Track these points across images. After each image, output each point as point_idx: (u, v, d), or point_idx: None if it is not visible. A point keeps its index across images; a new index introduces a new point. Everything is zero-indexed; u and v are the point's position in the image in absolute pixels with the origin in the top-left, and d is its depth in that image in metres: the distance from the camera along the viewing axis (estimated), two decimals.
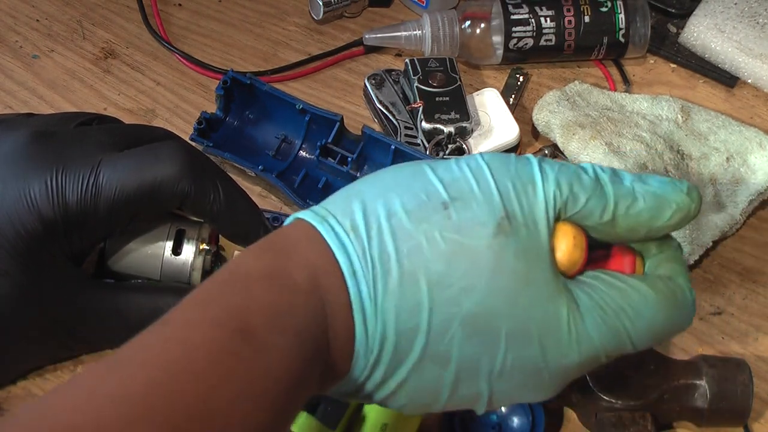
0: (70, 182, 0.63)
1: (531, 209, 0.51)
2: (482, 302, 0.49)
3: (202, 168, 0.66)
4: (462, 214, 0.50)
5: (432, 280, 0.49)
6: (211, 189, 0.66)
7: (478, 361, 0.50)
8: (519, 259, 0.49)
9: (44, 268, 0.64)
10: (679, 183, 0.53)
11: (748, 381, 0.66)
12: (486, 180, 0.51)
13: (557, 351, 0.51)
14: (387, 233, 0.50)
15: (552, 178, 0.51)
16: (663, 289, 0.53)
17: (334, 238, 0.50)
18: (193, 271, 0.68)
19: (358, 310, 0.49)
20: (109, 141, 0.66)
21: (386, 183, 0.52)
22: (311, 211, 0.52)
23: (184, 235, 0.69)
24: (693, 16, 0.88)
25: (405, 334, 0.49)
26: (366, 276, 0.49)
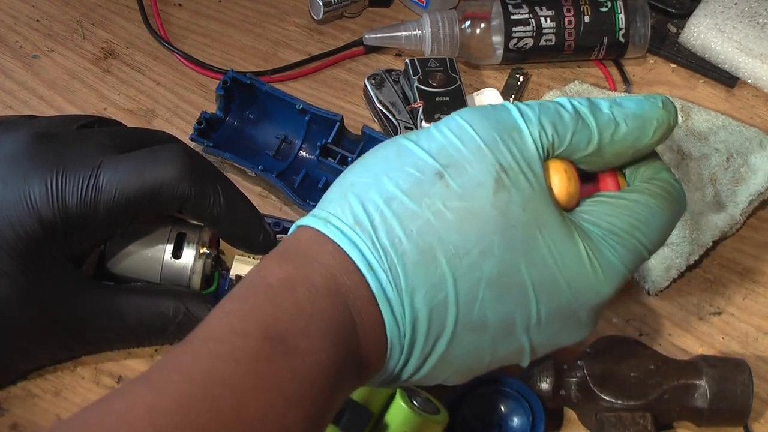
0: (70, 184, 0.63)
1: (523, 156, 0.51)
2: (502, 260, 0.50)
3: (202, 171, 0.66)
4: (458, 179, 0.50)
5: (448, 251, 0.49)
6: (211, 191, 0.66)
7: (512, 318, 0.51)
8: (525, 209, 0.50)
9: (44, 269, 0.64)
10: (653, 98, 0.54)
11: (748, 381, 0.66)
12: (472, 138, 0.51)
13: (587, 288, 0.52)
14: (391, 218, 0.50)
15: (534, 120, 0.51)
16: (657, 191, 0.54)
17: (342, 237, 0.50)
18: (193, 275, 0.68)
19: (382, 300, 0.49)
20: (110, 143, 0.66)
21: (374, 168, 0.52)
22: (312, 216, 0.52)
23: (185, 238, 0.69)
24: (693, 16, 0.88)
25: (435, 311, 0.50)
26: (382, 265, 0.49)
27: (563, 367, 0.67)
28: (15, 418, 0.68)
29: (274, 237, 0.69)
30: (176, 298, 0.67)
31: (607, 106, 0.53)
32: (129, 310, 0.67)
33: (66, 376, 0.70)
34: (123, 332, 0.67)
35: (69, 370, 0.70)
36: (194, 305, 0.67)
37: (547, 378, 0.67)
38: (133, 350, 0.71)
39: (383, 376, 0.52)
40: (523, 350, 0.53)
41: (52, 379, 0.69)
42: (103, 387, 0.69)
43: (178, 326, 0.67)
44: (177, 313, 0.67)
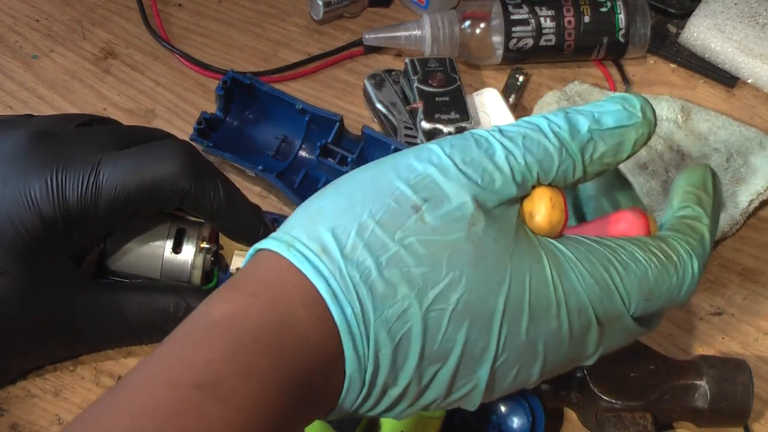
0: (70, 181, 0.63)
1: (502, 193, 0.49)
2: (470, 291, 0.48)
3: (201, 166, 0.66)
4: (434, 213, 0.48)
5: (415, 283, 0.47)
6: (210, 186, 0.66)
7: (474, 347, 0.49)
8: (499, 241, 0.49)
9: (44, 267, 0.64)
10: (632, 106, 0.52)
11: (748, 381, 0.66)
12: (452, 173, 0.49)
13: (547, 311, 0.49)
14: (361, 248, 0.47)
15: (519, 155, 0.50)
16: (654, 250, 0.52)
17: (306, 264, 0.47)
18: (193, 270, 0.69)
19: (345, 334, 0.46)
20: (109, 141, 0.66)
21: (349, 194, 0.49)
22: (273, 239, 0.49)
23: (185, 234, 0.69)
24: (693, 16, 0.88)
25: (400, 344, 0.47)
26: (348, 297, 0.46)
27: None
28: (15, 418, 0.68)
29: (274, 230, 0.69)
30: (176, 294, 0.67)
31: (586, 126, 0.51)
32: (129, 307, 0.67)
33: (66, 376, 0.70)
34: (123, 330, 0.67)
35: (69, 370, 0.70)
36: (195, 301, 0.67)
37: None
38: (133, 350, 0.71)
39: (340, 412, 0.49)
40: (478, 386, 0.50)
41: (52, 379, 0.69)
42: (103, 387, 0.69)
43: (178, 322, 0.67)
44: (178, 309, 0.67)
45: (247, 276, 0.48)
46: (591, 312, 0.50)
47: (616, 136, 0.52)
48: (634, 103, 0.52)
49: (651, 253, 0.51)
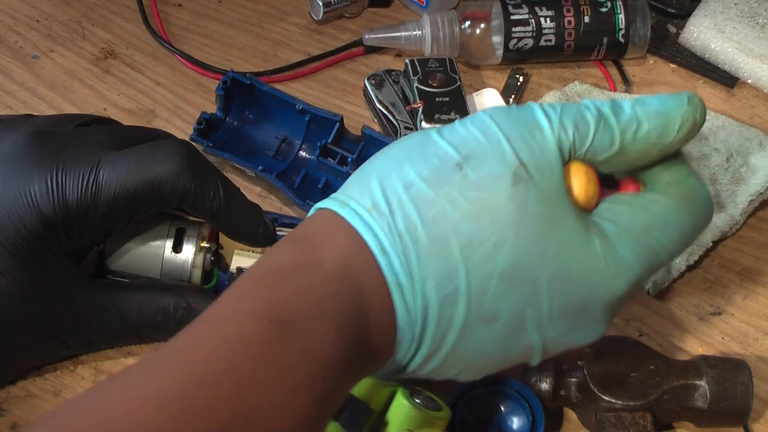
0: (70, 180, 0.63)
1: (543, 152, 0.51)
2: (515, 253, 0.49)
3: (201, 165, 0.66)
4: (478, 171, 0.50)
5: (463, 241, 0.49)
6: (210, 186, 0.66)
7: (523, 313, 0.50)
8: (541, 204, 0.50)
9: (44, 266, 0.64)
10: (680, 95, 0.54)
11: (748, 381, 0.66)
12: (494, 133, 0.51)
13: (600, 284, 0.51)
14: (408, 204, 0.50)
15: (556, 120, 0.52)
16: (678, 193, 0.54)
17: (358, 219, 0.50)
18: (193, 269, 0.69)
19: (394, 285, 0.49)
20: (109, 141, 0.67)
21: (397, 156, 0.52)
22: (331, 199, 0.52)
23: (185, 233, 0.69)
24: (693, 16, 0.88)
25: (446, 300, 0.49)
26: (396, 250, 0.49)
27: (563, 367, 0.67)
28: (15, 418, 0.68)
29: (274, 230, 0.69)
30: (176, 293, 0.67)
31: (630, 105, 0.53)
32: (129, 306, 0.67)
33: (66, 376, 0.70)
34: (123, 329, 0.67)
35: (69, 370, 0.70)
36: (195, 300, 0.67)
37: (547, 378, 0.67)
38: (133, 350, 0.71)
39: (392, 366, 0.52)
40: (533, 348, 0.52)
41: (52, 379, 0.69)
42: None
43: (179, 322, 0.67)
44: (177, 308, 0.67)
45: (305, 231, 0.51)
46: (641, 272, 0.52)
47: (661, 116, 0.52)
48: (682, 92, 0.54)
49: (680, 198, 0.54)
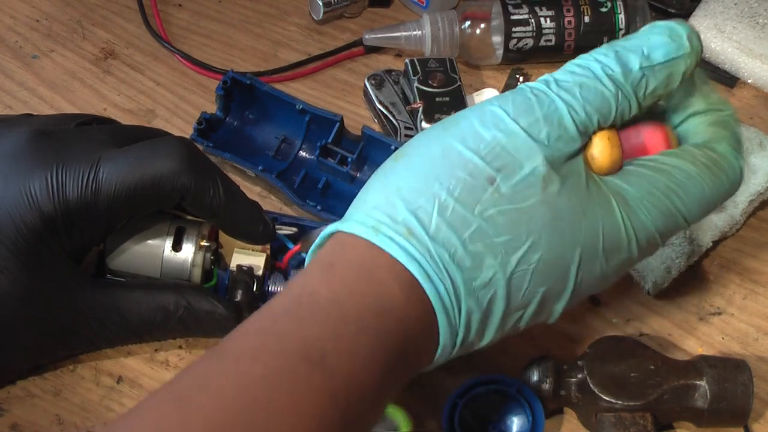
0: (70, 179, 0.63)
1: (569, 147, 0.52)
2: (550, 249, 0.52)
3: (201, 163, 0.66)
4: (509, 182, 0.51)
5: (500, 252, 0.51)
6: (210, 183, 0.66)
7: (552, 291, 0.53)
8: (571, 198, 0.52)
9: (44, 265, 0.64)
10: (677, 36, 0.54)
11: (748, 381, 0.66)
12: (519, 136, 0.51)
13: (620, 250, 0.54)
14: (446, 228, 0.50)
15: (579, 109, 0.52)
16: (703, 161, 0.55)
17: (397, 248, 0.50)
18: (193, 268, 0.69)
19: (440, 309, 0.50)
20: (109, 140, 0.67)
21: (422, 171, 0.52)
22: (357, 223, 0.52)
23: (184, 232, 0.69)
24: (693, 16, 0.88)
25: (487, 308, 0.51)
26: (440, 275, 0.50)
27: (563, 367, 0.67)
28: (15, 418, 0.68)
29: (274, 228, 0.69)
30: (176, 292, 0.67)
31: (637, 64, 0.53)
32: (129, 305, 0.67)
33: (66, 376, 0.70)
34: (124, 328, 0.67)
35: (69, 370, 0.70)
36: (195, 298, 0.67)
37: (547, 378, 0.67)
38: (133, 349, 0.71)
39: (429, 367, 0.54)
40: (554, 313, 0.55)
41: (52, 379, 0.69)
42: (103, 387, 0.69)
43: (179, 320, 0.67)
44: (178, 307, 0.67)
45: (339, 259, 0.51)
46: (657, 238, 0.55)
47: (666, 69, 0.54)
48: (680, 32, 0.55)
49: (703, 166, 0.55)
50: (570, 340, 0.72)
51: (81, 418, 0.68)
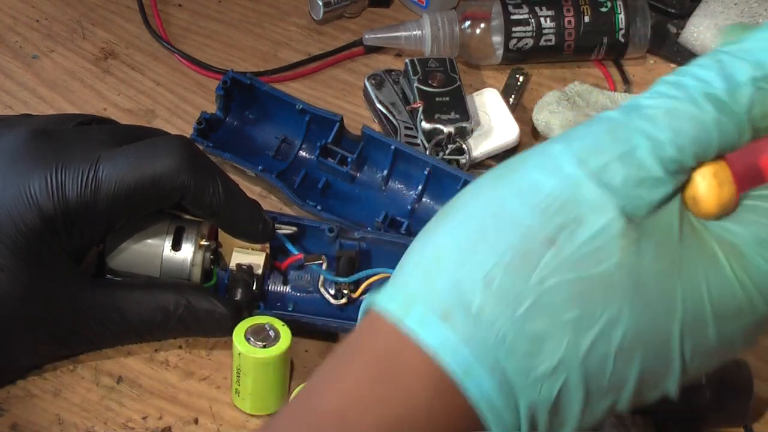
0: (70, 177, 0.63)
1: (653, 194, 0.41)
2: (636, 322, 0.41)
3: (201, 161, 0.66)
4: (574, 243, 0.41)
5: (566, 331, 0.40)
6: (210, 182, 0.66)
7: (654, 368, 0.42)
8: (659, 258, 0.41)
9: (44, 265, 0.64)
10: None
11: (748, 381, 0.66)
12: (588, 187, 0.41)
13: (739, 311, 0.42)
14: (493, 305, 0.40)
15: (668, 142, 0.41)
16: None
17: (430, 333, 0.41)
18: (193, 267, 0.69)
19: (487, 409, 0.41)
20: (108, 139, 0.67)
21: (467, 235, 0.42)
22: (388, 296, 0.43)
23: (184, 231, 0.69)
24: (693, 16, 0.88)
25: (558, 397, 0.41)
26: (484, 366, 0.40)
27: None
28: (15, 418, 0.68)
29: (273, 226, 0.69)
30: (176, 291, 0.67)
31: (747, 74, 0.41)
32: (129, 305, 0.67)
33: (66, 376, 0.70)
34: (124, 328, 0.67)
35: (69, 370, 0.70)
36: (195, 298, 0.67)
37: None
38: (133, 349, 0.71)
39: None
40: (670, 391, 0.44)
41: (52, 379, 0.69)
42: (103, 387, 0.69)
43: (179, 320, 0.67)
44: (178, 306, 0.67)
45: (362, 347, 0.43)
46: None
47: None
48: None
49: None
50: None
51: (81, 418, 0.68)
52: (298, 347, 0.71)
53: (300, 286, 0.72)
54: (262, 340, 0.65)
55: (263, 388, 0.66)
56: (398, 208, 0.78)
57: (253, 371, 0.65)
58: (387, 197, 0.79)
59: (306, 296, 0.72)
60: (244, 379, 0.66)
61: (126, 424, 0.68)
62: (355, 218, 0.77)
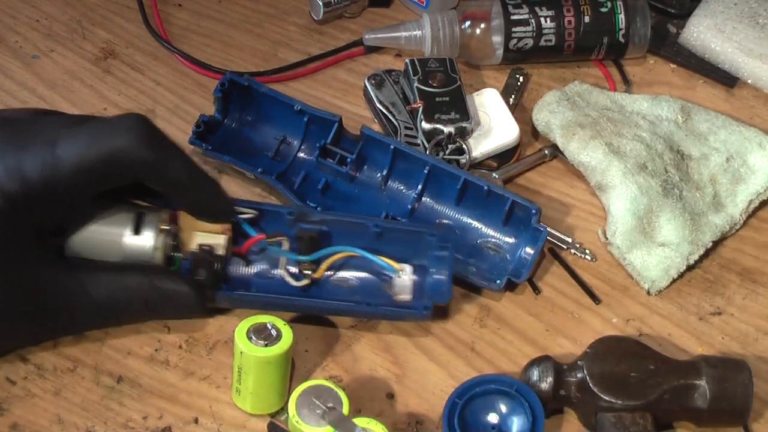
0: (30, 157, 0.63)
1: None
2: None
3: (160, 137, 0.66)
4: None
5: None
6: (169, 156, 0.65)
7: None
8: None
9: (8, 244, 0.64)
10: None
11: (748, 381, 0.66)
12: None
13: None
14: None
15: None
16: None
17: None
18: (155, 251, 0.69)
19: None
20: (67, 122, 0.66)
21: None
22: None
23: (144, 216, 0.69)
24: (693, 16, 0.88)
25: None
26: None
27: (563, 367, 0.67)
28: (15, 418, 0.68)
29: (233, 206, 0.70)
30: (141, 272, 0.68)
31: None
32: (94, 285, 0.67)
33: (66, 376, 0.70)
34: (90, 308, 0.67)
35: (69, 370, 0.70)
36: (159, 278, 0.67)
37: (547, 378, 0.67)
38: (133, 349, 0.71)
39: None
40: None
41: (52, 379, 0.69)
42: (103, 387, 0.69)
43: (144, 301, 0.67)
44: (142, 286, 0.67)
45: None
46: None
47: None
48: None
49: None
50: (570, 340, 0.72)
51: (81, 417, 0.68)
52: (299, 347, 0.71)
53: (263, 271, 0.73)
54: (264, 339, 0.65)
55: (264, 387, 0.66)
56: (398, 207, 0.78)
57: (254, 370, 0.65)
58: (387, 197, 0.79)
59: (269, 280, 0.73)
60: (245, 378, 0.66)
61: (126, 423, 0.68)
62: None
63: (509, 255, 0.76)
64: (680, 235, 0.75)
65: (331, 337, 0.72)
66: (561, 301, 0.75)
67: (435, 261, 0.72)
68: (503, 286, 0.73)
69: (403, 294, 0.72)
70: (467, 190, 0.77)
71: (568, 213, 0.79)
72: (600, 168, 0.78)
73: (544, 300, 0.75)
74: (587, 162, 0.78)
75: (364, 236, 0.72)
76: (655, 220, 0.76)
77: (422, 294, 0.72)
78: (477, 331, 0.73)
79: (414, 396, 0.70)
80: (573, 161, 0.80)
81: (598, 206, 0.79)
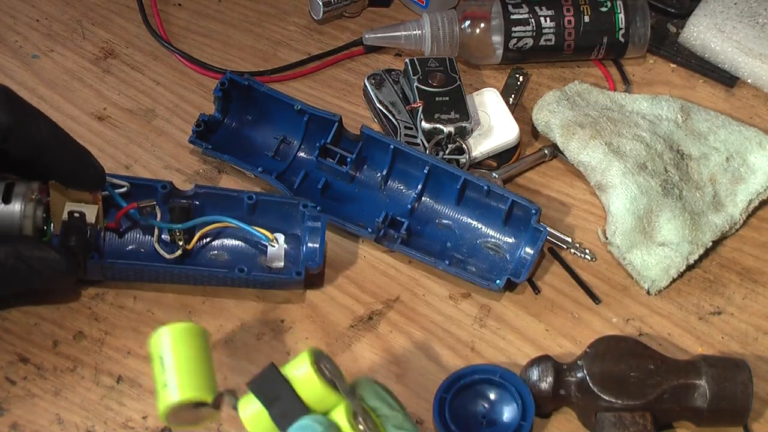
0: None
1: None
2: None
3: (20, 102, 0.65)
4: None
5: None
6: (32, 120, 0.65)
7: None
8: None
9: None
10: None
11: (748, 381, 0.66)
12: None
13: None
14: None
15: None
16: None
17: None
18: (24, 219, 0.68)
19: None
20: None
21: None
22: None
23: (13, 186, 0.68)
24: (693, 16, 0.88)
25: None
26: None
27: (563, 367, 0.67)
28: (15, 418, 0.68)
29: (104, 172, 0.69)
30: (5, 242, 0.66)
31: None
32: None
33: (66, 376, 0.70)
34: None
35: (69, 370, 0.70)
36: (25, 247, 0.66)
37: (547, 378, 0.67)
38: (133, 349, 0.71)
39: None
40: None
41: (52, 379, 0.70)
42: (103, 387, 0.69)
43: (13, 270, 0.66)
44: (8, 256, 0.66)
45: None
46: None
47: None
48: None
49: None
50: (570, 340, 0.72)
51: (81, 417, 0.68)
52: (299, 347, 0.71)
53: (136, 241, 0.74)
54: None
55: (192, 363, 0.62)
56: (398, 207, 0.78)
57: (179, 343, 0.62)
58: (386, 197, 0.79)
59: (142, 252, 0.74)
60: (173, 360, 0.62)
61: (126, 423, 0.68)
62: (355, 218, 0.77)
63: (509, 255, 0.76)
64: (680, 234, 0.75)
65: (331, 337, 0.72)
66: (561, 301, 0.75)
67: (308, 231, 0.74)
68: (503, 285, 0.73)
69: (277, 261, 0.74)
70: (467, 189, 0.77)
71: (568, 213, 0.79)
72: (600, 168, 0.78)
73: (544, 300, 0.75)
74: (587, 162, 0.78)
75: (239, 208, 0.74)
76: (654, 219, 0.76)
77: (297, 262, 0.74)
78: (477, 330, 0.73)
79: (414, 396, 0.70)
80: (573, 161, 0.80)
81: (598, 206, 0.79)
